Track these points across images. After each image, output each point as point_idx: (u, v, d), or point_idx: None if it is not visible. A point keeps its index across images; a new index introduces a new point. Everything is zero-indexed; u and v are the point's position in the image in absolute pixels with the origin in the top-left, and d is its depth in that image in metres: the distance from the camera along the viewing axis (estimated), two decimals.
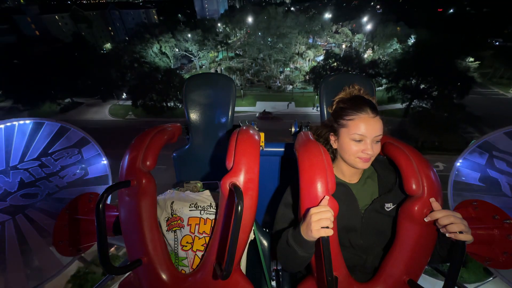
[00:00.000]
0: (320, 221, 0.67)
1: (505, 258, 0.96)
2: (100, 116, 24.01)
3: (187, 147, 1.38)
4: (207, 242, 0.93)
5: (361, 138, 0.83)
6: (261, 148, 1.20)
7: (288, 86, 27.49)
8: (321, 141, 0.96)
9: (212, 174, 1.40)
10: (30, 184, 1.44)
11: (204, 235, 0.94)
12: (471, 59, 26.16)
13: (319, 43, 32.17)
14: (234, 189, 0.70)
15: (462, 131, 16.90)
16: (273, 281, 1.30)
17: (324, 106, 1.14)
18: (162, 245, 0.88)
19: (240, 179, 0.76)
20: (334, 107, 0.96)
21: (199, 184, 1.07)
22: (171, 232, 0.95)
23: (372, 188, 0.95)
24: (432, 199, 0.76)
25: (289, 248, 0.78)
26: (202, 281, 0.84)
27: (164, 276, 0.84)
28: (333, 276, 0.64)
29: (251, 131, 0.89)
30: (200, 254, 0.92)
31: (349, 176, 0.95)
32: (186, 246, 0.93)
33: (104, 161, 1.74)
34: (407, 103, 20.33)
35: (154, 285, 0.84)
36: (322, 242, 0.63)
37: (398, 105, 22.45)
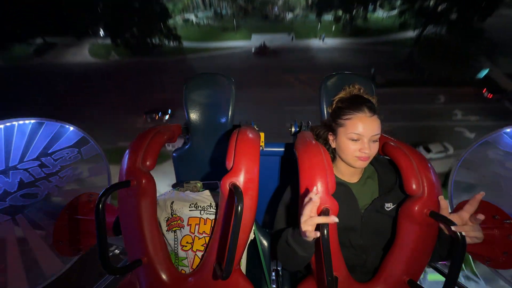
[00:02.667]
0: (306, 222, 0.66)
1: (505, 258, 0.96)
2: (80, 58, 21.59)
3: (187, 147, 1.38)
4: (207, 242, 0.93)
5: (358, 137, 0.83)
6: (261, 148, 1.20)
7: (287, 14, 24.59)
8: (320, 141, 0.96)
9: (212, 174, 1.40)
10: (29, 184, 1.44)
11: (204, 235, 0.94)
12: None
13: None
14: (234, 189, 0.70)
15: (473, 62, 15.98)
16: (273, 281, 1.30)
17: (324, 106, 1.14)
18: (162, 245, 0.88)
19: (240, 179, 0.76)
20: (333, 106, 0.96)
21: (199, 184, 1.07)
22: (171, 232, 0.95)
23: (372, 188, 0.95)
24: (440, 197, 0.76)
25: (289, 247, 0.78)
26: (202, 281, 0.84)
27: (164, 276, 0.84)
28: (333, 276, 0.64)
29: (251, 131, 0.90)
30: (200, 254, 0.92)
31: (349, 175, 0.95)
32: (186, 246, 0.93)
33: (104, 161, 1.74)
34: (420, 29, 18.66)
35: (154, 285, 0.84)
36: (322, 242, 0.63)
37: (409, 34, 20.79)
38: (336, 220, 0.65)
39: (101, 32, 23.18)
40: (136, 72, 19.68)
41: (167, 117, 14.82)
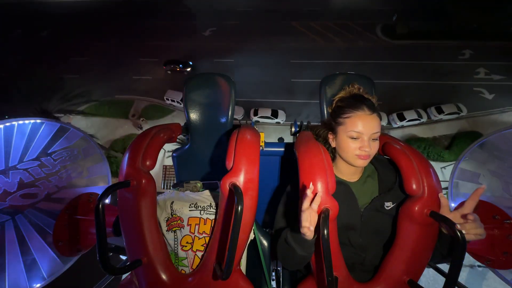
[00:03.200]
0: (306, 225, 0.67)
1: (505, 258, 0.96)
2: None
3: (187, 147, 1.38)
4: (207, 242, 0.93)
5: (358, 136, 0.83)
6: (261, 148, 1.20)
7: None
8: (320, 141, 0.96)
9: (212, 174, 1.40)
10: (29, 184, 1.44)
11: (204, 235, 0.94)
12: None
13: None
14: (234, 189, 0.70)
15: (505, 13, 14.03)
16: (273, 281, 1.30)
17: (324, 106, 1.14)
18: (162, 245, 0.88)
19: (240, 179, 0.76)
20: (333, 106, 0.96)
21: (199, 184, 1.07)
22: (171, 232, 0.95)
23: (372, 187, 0.95)
24: (440, 194, 0.77)
25: (288, 247, 0.78)
26: (202, 281, 0.84)
27: (164, 276, 0.84)
28: (333, 276, 0.64)
29: (251, 131, 0.90)
30: (200, 254, 0.92)
31: (349, 174, 0.95)
32: (186, 246, 0.93)
33: (104, 161, 1.74)
34: None
35: (154, 285, 0.84)
36: (322, 242, 0.63)
37: None
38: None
39: None
40: (124, 15, 18.15)
41: (189, 69, 13.88)
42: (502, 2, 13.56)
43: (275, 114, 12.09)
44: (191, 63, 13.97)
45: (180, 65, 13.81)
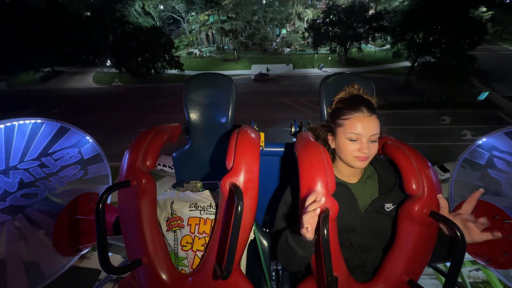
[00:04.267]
0: (305, 226, 0.66)
1: (505, 258, 0.96)
2: (84, 84, 22.74)
3: (187, 147, 1.38)
4: (207, 242, 0.93)
5: (357, 137, 0.83)
6: (261, 148, 1.20)
7: (285, 49, 25.96)
8: (320, 141, 0.96)
9: (212, 174, 1.40)
10: (30, 184, 1.44)
11: (204, 235, 0.94)
12: (484, 9, 22.77)
13: (319, 6, 28.16)
14: (234, 189, 0.70)
15: (470, 86, 16.18)
16: (273, 281, 1.30)
17: (324, 106, 1.14)
18: (162, 245, 0.88)
19: (240, 179, 0.76)
20: (332, 107, 0.96)
21: (199, 184, 1.07)
22: (171, 232, 0.95)
23: (372, 188, 0.95)
24: (439, 196, 0.77)
25: (289, 247, 0.78)
26: (202, 281, 0.84)
27: (164, 276, 0.84)
28: (333, 276, 0.64)
29: (251, 131, 0.90)
30: (200, 254, 0.92)
31: (349, 176, 0.95)
32: (186, 246, 0.93)
33: (104, 161, 1.74)
34: (414, 58, 19.35)
35: (154, 285, 0.84)
36: (322, 242, 0.63)
37: (404, 63, 21.51)
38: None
39: (108, 62, 24.19)
40: (138, 97, 20.30)
41: None
42: (462, 78, 15.18)
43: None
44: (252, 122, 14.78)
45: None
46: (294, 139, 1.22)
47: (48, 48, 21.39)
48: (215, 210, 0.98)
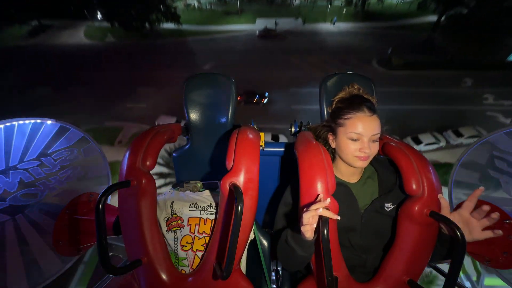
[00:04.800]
0: (306, 223, 0.67)
1: (505, 258, 0.96)
2: (75, 40, 21.23)
3: (187, 147, 1.38)
4: (207, 242, 0.93)
5: (358, 137, 0.83)
6: (261, 148, 1.19)
7: (294, 0, 23.37)
8: (320, 141, 0.96)
9: (212, 174, 1.40)
10: (29, 184, 1.44)
11: (204, 235, 0.94)
12: None
13: None
14: (234, 189, 0.70)
15: (500, 45, 14.45)
16: (273, 281, 1.30)
17: (324, 106, 1.14)
18: (162, 245, 0.88)
19: (240, 179, 0.76)
20: (333, 107, 0.96)
21: (199, 184, 1.07)
22: (171, 232, 0.95)
23: (372, 188, 0.95)
24: (440, 195, 0.77)
25: (288, 247, 0.78)
26: (202, 281, 0.84)
27: (164, 276, 0.84)
28: (333, 276, 0.64)
29: (251, 131, 0.90)
30: (200, 254, 0.92)
31: (349, 175, 0.95)
32: (186, 246, 0.93)
33: (104, 161, 1.74)
34: (442, 10, 16.74)
35: (154, 285, 0.84)
36: (322, 242, 0.63)
37: (428, 18, 19.03)
38: (338, 217, 0.66)
39: (99, 15, 22.38)
40: (133, 54, 19.07)
41: (265, 100, 13.13)
42: (494, 36, 13.61)
43: (275, 139, 11.41)
44: (267, 94, 13.34)
45: (257, 96, 13.20)
46: (294, 139, 1.22)
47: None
48: (215, 210, 0.98)
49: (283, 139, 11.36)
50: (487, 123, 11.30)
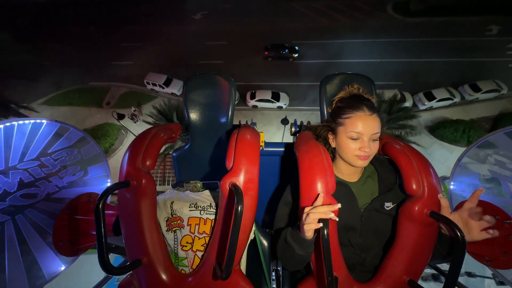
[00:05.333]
0: (310, 222, 0.67)
1: (505, 258, 0.96)
2: None
3: (187, 147, 1.38)
4: (207, 242, 0.93)
5: (358, 136, 0.83)
6: (261, 148, 1.20)
7: None
8: (320, 141, 0.96)
9: (212, 174, 1.40)
10: (29, 184, 1.44)
11: (204, 235, 0.94)
12: None
13: None
14: (234, 189, 0.70)
15: None
16: (273, 281, 1.30)
17: (324, 106, 1.14)
18: (162, 245, 0.88)
19: (240, 179, 0.76)
20: (333, 106, 0.96)
21: (199, 184, 1.07)
22: (171, 232, 0.95)
23: (372, 187, 0.95)
24: (440, 195, 0.77)
25: (288, 246, 0.78)
26: (202, 281, 0.84)
27: (164, 276, 0.84)
28: (333, 276, 0.64)
29: (251, 131, 0.90)
30: (200, 254, 0.92)
31: (349, 175, 0.95)
32: (186, 246, 0.93)
33: (104, 161, 1.74)
34: None
35: (154, 285, 0.84)
36: (322, 242, 0.63)
37: None
38: (337, 218, 0.66)
39: None
40: (115, 4, 16.44)
41: (296, 55, 11.68)
42: None
43: (276, 97, 10.09)
44: (297, 48, 11.72)
45: (286, 50, 11.52)
46: (294, 139, 1.22)
47: None
48: (215, 210, 0.98)
49: (284, 97, 10.18)
50: (509, 76, 10.24)
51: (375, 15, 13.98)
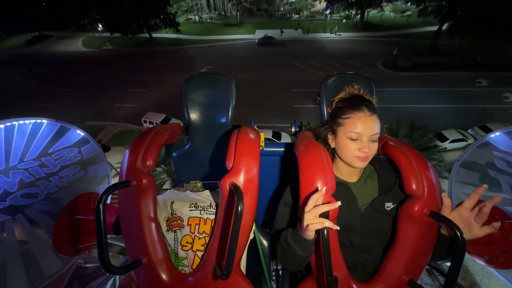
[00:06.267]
0: (311, 221, 0.67)
1: (505, 258, 0.96)
2: (73, 48, 21.83)
3: (187, 147, 1.38)
4: (207, 242, 0.93)
5: (358, 137, 0.83)
6: (261, 148, 1.20)
7: (293, 15, 24.15)
8: (320, 141, 0.96)
9: (212, 174, 1.40)
10: (30, 184, 1.44)
11: (204, 235, 0.94)
12: None
13: None
14: (234, 189, 0.70)
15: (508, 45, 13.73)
16: (273, 281, 1.30)
17: (324, 106, 1.14)
18: (162, 245, 0.88)
19: (240, 179, 0.76)
20: (333, 107, 0.96)
21: (199, 184, 1.07)
22: (171, 232, 0.95)
23: (372, 187, 0.95)
24: (443, 194, 0.77)
25: (288, 247, 0.78)
26: (202, 281, 0.84)
27: (164, 276, 0.84)
28: (333, 276, 0.64)
29: (251, 131, 0.90)
30: (200, 254, 0.92)
31: (349, 175, 0.95)
32: (186, 246, 0.93)
33: (104, 161, 1.74)
34: (444, 15, 15.91)
35: (154, 285, 0.84)
36: (322, 242, 0.63)
37: (429, 28, 19.35)
38: (337, 227, 0.66)
39: (100, 27, 22.94)
40: (130, 59, 19.10)
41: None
42: (503, 33, 12.91)
43: (277, 137, 9.95)
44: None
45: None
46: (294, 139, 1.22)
47: (36, 10, 20.11)
48: (215, 210, 0.98)
49: (285, 137, 10.55)
50: None
51: (367, 70, 15.56)
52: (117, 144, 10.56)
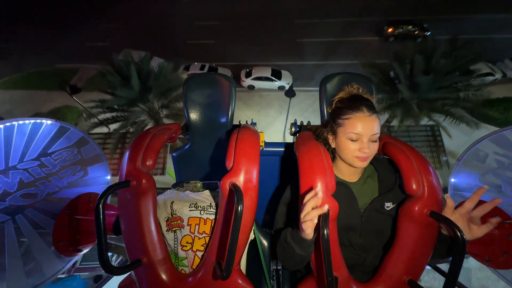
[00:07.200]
0: (306, 219, 0.67)
1: (505, 258, 0.96)
2: None
3: (187, 147, 1.38)
4: (207, 242, 0.93)
5: (358, 137, 0.83)
6: (261, 148, 1.20)
7: None
8: (320, 141, 0.96)
9: (212, 174, 1.40)
10: (29, 184, 1.44)
11: (204, 235, 0.94)
12: None
13: None
14: (234, 189, 0.70)
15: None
16: (273, 281, 1.30)
17: (324, 106, 1.14)
18: (162, 245, 0.88)
19: (240, 179, 0.76)
20: (333, 107, 0.97)
21: (199, 184, 1.07)
22: (171, 232, 0.95)
23: (372, 187, 0.95)
24: (447, 195, 0.77)
25: (288, 246, 0.78)
26: (202, 281, 0.84)
27: (164, 276, 0.84)
28: (333, 276, 0.64)
29: (251, 131, 0.90)
30: (200, 254, 0.92)
31: (349, 175, 0.95)
32: (186, 246, 0.93)
33: (104, 161, 1.74)
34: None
35: (154, 285, 0.84)
36: (322, 242, 0.63)
37: None
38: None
39: None
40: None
41: (427, 33, 9.41)
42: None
43: (277, 75, 8.38)
44: (426, 25, 9.77)
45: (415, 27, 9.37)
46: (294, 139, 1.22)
47: None
48: (215, 210, 0.98)
49: (286, 76, 8.67)
50: None
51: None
52: (93, 90, 8.89)
